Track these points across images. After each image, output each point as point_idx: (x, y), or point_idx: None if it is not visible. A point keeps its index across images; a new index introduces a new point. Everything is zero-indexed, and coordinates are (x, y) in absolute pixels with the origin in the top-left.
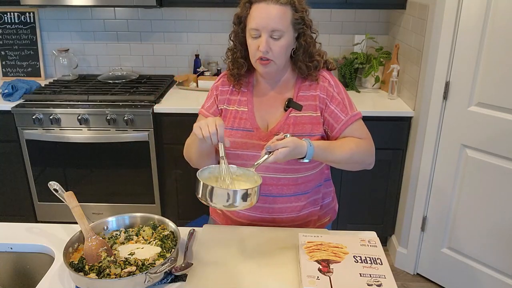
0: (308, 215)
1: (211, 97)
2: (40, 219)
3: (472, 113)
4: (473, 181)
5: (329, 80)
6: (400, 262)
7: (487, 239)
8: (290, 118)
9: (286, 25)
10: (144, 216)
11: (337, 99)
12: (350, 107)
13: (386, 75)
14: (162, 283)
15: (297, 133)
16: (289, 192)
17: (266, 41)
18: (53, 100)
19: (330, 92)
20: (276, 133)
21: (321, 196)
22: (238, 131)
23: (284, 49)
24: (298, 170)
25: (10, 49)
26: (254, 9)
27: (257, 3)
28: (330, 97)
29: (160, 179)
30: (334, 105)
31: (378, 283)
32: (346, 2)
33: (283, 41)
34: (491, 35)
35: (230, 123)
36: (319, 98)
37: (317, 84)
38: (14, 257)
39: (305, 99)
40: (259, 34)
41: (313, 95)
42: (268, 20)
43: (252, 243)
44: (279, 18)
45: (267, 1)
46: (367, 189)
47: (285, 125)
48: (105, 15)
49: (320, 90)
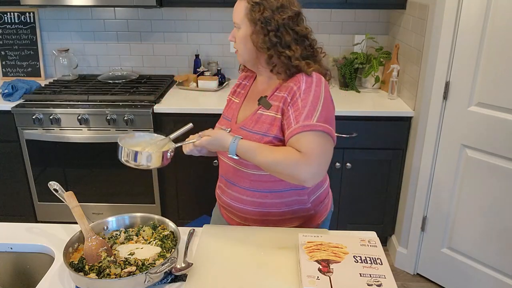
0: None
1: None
2: (40, 219)
3: (472, 113)
4: (473, 181)
5: (300, 84)
6: (400, 262)
7: (487, 239)
8: (256, 115)
9: (240, 17)
10: (144, 216)
11: (298, 105)
12: (308, 116)
13: (386, 75)
14: (162, 283)
15: (254, 130)
16: (244, 185)
17: (233, 31)
18: (53, 100)
19: (295, 97)
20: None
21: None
22: (224, 119)
23: (242, 40)
24: (247, 165)
25: (10, 49)
26: None
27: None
28: (293, 101)
29: (160, 179)
30: (293, 110)
31: (378, 283)
32: (346, 2)
33: (240, 31)
34: (491, 35)
35: (225, 111)
36: (284, 100)
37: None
38: (14, 257)
39: (277, 99)
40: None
41: (282, 96)
42: (233, 13)
43: (252, 243)
44: (236, 11)
45: None
46: (367, 189)
47: (249, 120)
48: (105, 15)
49: (287, 92)
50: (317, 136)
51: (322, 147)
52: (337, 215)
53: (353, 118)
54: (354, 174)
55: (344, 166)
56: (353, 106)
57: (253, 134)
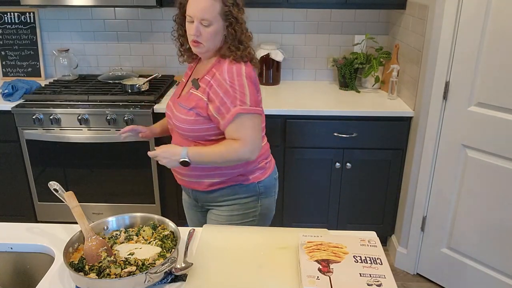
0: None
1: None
2: (40, 219)
3: (472, 113)
4: (473, 181)
5: (224, 72)
6: (400, 262)
7: (487, 239)
8: (188, 93)
9: (213, 15)
10: (144, 216)
11: (229, 92)
12: (241, 101)
13: (386, 75)
14: (162, 283)
15: (184, 105)
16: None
17: (197, 27)
18: (53, 100)
19: (224, 85)
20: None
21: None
22: (172, 97)
23: (212, 35)
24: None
25: (10, 49)
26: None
27: None
28: (224, 89)
29: (160, 179)
30: (226, 97)
31: (378, 283)
32: (346, 2)
33: (211, 28)
34: (491, 35)
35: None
36: (210, 85)
37: (216, 73)
38: (14, 257)
39: (204, 82)
40: (192, 20)
41: (208, 81)
42: (198, 10)
43: (252, 243)
44: (207, 9)
45: None
46: (367, 189)
47: (183, 97)
48: (105, 15)
49: (213, 78)
50: (245, 117)
51: (253, 128)
52: (337, 215)
53: (353, 118)
54: (354, 174)
55: (344, 166)
56: (353, 106)
57: (182, 108)
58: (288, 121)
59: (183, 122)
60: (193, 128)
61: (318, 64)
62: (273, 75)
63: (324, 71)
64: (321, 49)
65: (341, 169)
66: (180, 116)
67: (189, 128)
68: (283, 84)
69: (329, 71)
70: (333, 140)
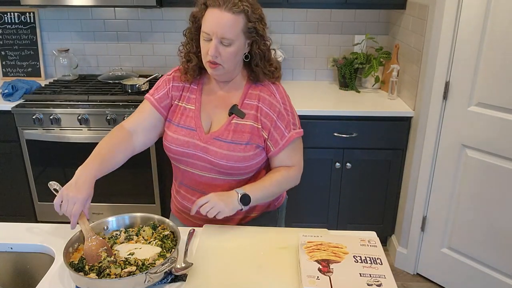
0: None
1: (163, 89)
2: (40, 219)
3: (472, 113)
4: (473, 181)
5: (274, 93)
6: (400, 262)
7: (487, 239)
8: (231, 125)
9: (236, 33)
10: (144, 216)
11: (283, 116)
12: (288, 125)
13: (386, 75)
14: (162, 283)
15: (236, 140)
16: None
17: (216, 46)
18: (53, 100)
19: (277, 108)
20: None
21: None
22: (183, 128)
23: (234, 55)
24: (232, 174)
25: (10, 49)
26: (208, 13)
27: (211, 7)
28: (277, 112)
29: (160, 179)
30: (280, 121)
31: (378, 283)
32: (346, 2)
33: (232, 48)
34: (491, 35)
35: (177, 119)
36: (261, 110)
37: (262, 95)
38: (14, 257)
39: (249, 107)
40: (210, 38)
41: (257, 105)
42: (218, 27)
43: (252, 243)
44: (229, 26)
45: (221, 8)
46: (367, 189)
47: (225, 130)
48: (105, 15)
49: (262, 103)
50: (300, 140)
51: (301, 151)
52: (337, 215)
53: (353, 118)
54: (354, 174)
55: (344, 166)
56: (353, 106)
57: (234, 144)
58: None
59: (241, 161)
60: (251, 164)
61: (318, 64)
62: None
63: (324, 71)
64: (321, 49)
65: (341, 169)
66: (233, 154)
67: (246, 165)
68: (283, 84)
69: (329, 71)
70: (333, 140)
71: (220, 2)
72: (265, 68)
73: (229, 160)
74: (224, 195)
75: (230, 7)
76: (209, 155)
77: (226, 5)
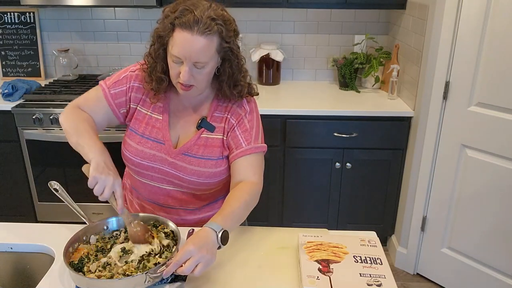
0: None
1: (122, 86)
2: (40, 219)
3: (472, 113)
4: (473, 181)
5: (244, 106)
6: (400, 262)
7: (487, 239)
8: (201, 139)
9: (210, 55)
10: (144, 216)
11: (245, 126)
12: (256, 138)
13: (386, 75)
14: (162, 283)
15: (207, 156)
16: (188, 206)
17: (189, 71)
18: (53, 100)
19: (241, 118)
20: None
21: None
22: (149, 140)
23: (208, 76)
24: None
25: (10, 49)
26: (177, 35)
27: (180, 29)
28: (239, 122)
29: None
30: (241, 130)
31: (378, 283)
32: (346, 2)
33: (206, 69)
34: (491, 35)
35: (141, 129)
36: (228, 121)
37: (231, 108)
38: (14, 257)
39: (219, 120)
40: (181, 61)
41: (226, 117)
42: (191, 52)
43: (252, 243)
44: (203, 51)
45: (192, 31)
46: (367, 189)
47: (195, 145)
48: (105, 15)
49: (231, 114)
50: (261, 156)
51: (262, 165)
52: (337, 215)
53: (353, 118)
54: (354, 174)
55: (344, 166)
56: (353, 106)
57: (205, 160)
58: (288, 121)
59: (211, 177)
60: (221, 180)
61: (318, 64)
62: (273, 75)
63: (324, 71)
64: (321, 49)
65: (341, 169)
66: (204, 171)
67: (218, 181)
68: (283, 84)
69: (329, 71)
70: (333, 140)
71: (191, 25)
72: (228, 88)
73: (200, 177)
74: (202, 241)
75: (203, 31)
76: (177, 171)
77: (198, 28)
